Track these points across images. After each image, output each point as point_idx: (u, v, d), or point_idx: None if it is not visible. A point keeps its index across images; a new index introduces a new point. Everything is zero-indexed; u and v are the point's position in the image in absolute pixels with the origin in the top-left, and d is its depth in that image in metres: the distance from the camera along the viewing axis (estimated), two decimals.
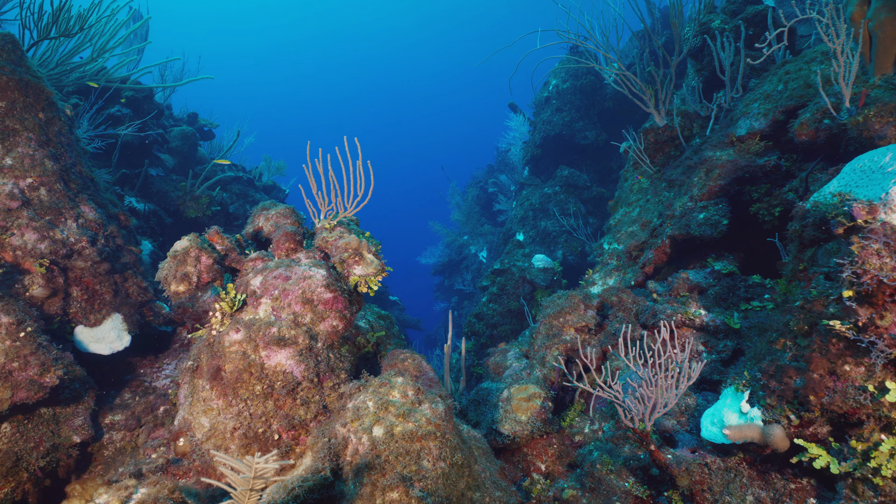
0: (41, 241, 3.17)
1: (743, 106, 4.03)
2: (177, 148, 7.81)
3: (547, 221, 10.01)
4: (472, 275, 13.40)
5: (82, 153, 3.94)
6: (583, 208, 9.86)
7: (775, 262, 3.68)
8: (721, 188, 3.68)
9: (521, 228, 10.59)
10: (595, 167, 10.35)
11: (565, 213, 9.81)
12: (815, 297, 2.18)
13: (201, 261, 2.83)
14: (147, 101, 6.86)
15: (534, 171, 11.09)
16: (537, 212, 10.27)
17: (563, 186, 10.00)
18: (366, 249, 3.15)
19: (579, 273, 9.57)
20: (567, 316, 3.72)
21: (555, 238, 9.81)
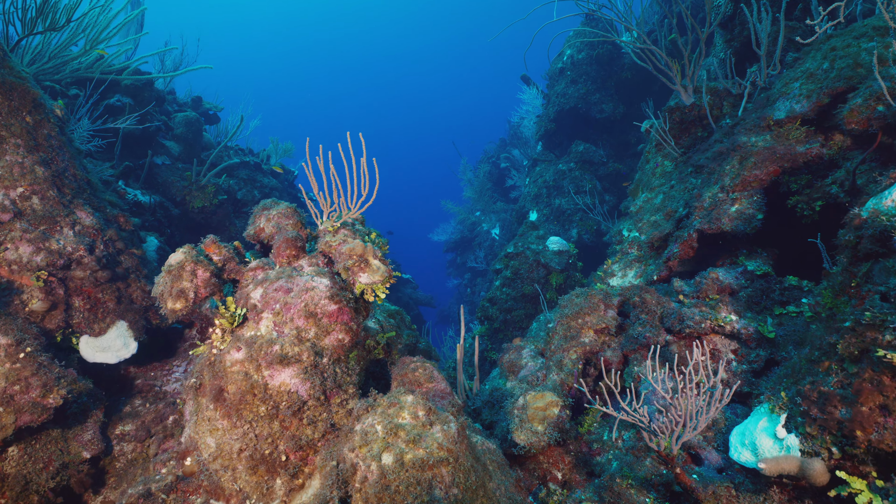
0: (37, 253, 3.06)
1: (781, 85, 3.67)
2: (181, 135, 7.63)
3: (561, 199, 9.69)
4: (484, 252, 13.22)
5: (76, 154, 3.79)
6: (598, 185, 9.51)
7: (813, 261, 3.42)
8: (756, 178, 3.39)
9: (535, 206, 10.30)
10: (611, 141, 9.91)
11: (580, 191, 9.47)
12: (868, 320, 1.95)
13: (197, 275, 2.69)
14: (147, 89, 6.65)
15: (547, 146, 10.68)
16: (551, 189, 9.94)
17: (577, 163, 9.62)
18: (371, 255, 2.98)
19: (595, 253, 9.31)
20: (586, 317, 3.54)
21: (569, 216, 9.52)
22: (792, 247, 3.49)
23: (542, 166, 10.46)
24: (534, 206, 10.33)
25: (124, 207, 4.39)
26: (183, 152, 7.65)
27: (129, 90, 6.46)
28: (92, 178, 4.00)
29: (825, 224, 3.23)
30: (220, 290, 2.82)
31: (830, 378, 2.10)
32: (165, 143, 7.47)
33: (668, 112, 4.89)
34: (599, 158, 9.47)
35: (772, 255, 3.45)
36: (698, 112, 4.65)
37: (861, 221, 2.06)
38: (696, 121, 4.70)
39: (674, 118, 4.81)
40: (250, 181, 8.23)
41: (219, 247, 2.89)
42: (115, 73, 5.68)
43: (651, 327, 3.27)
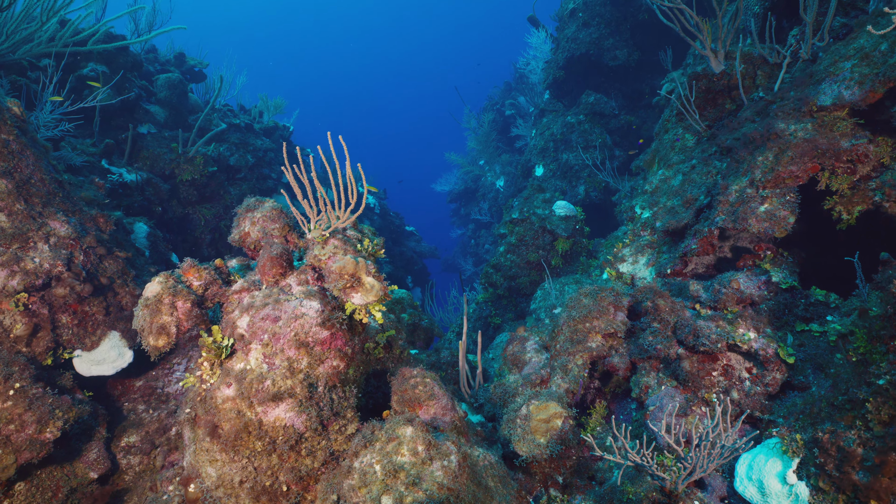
0: (11, 276, 2.89)
1: (829, 62, 3.21)
2: (165, 98, 7.16)
3: (569, 154, 9.22)
4: (488, 203, 12.88)
5: (42, 154, 3.50)
6: (609, 139, 8.98)
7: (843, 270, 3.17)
8: (792, 175, 3.05)
9: (541, 161, 9.83)
10: (624, 90, 9.22)
11: (589, 146, 8.97)
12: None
13: (177, 307, 2.53)
14: (122, 55, 6.12)
15: (555, 94, 9.99)
16: (558, 143, 9.43)
17: (587, 115, 9.02)
18: (364, 272, 2.78)
19: (603, 212, 8.97)
20: (594, 321, 3.38)
21: (577, 172, 9.09)
22: (821, 250, 3.23)
23: (550, 117, 9.85)
24: (540, 161, 9.86)
25: (103, 201, 4.15)
26: (169, 117, 7.21)
27: (102, 57, 5.95)
28: (63, 177, 3.73)
29: (863, 231, 2.95)
30: (205, 318, 2.66)
31: (852, 434, 1.96)
32: (150, 107, 7.02)
33: (692, 79, 4.40)
34: (611, 110, 8.86)
35: (798, 259, 3.20)
36: (728, 82, 4.18)
37: None
38: (725, 91, 4.23)
39: (700, 86, 4.34)
40: (242, 145, 7.83)
41: (198, 270, 2.69)
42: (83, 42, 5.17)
43: (663, 338, 3.11)
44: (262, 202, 3.45)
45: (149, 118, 6.85)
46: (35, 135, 3.55)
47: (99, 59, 5.94)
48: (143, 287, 3.91)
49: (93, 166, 5.47)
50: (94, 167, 5.49)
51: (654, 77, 9.03)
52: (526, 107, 11.62)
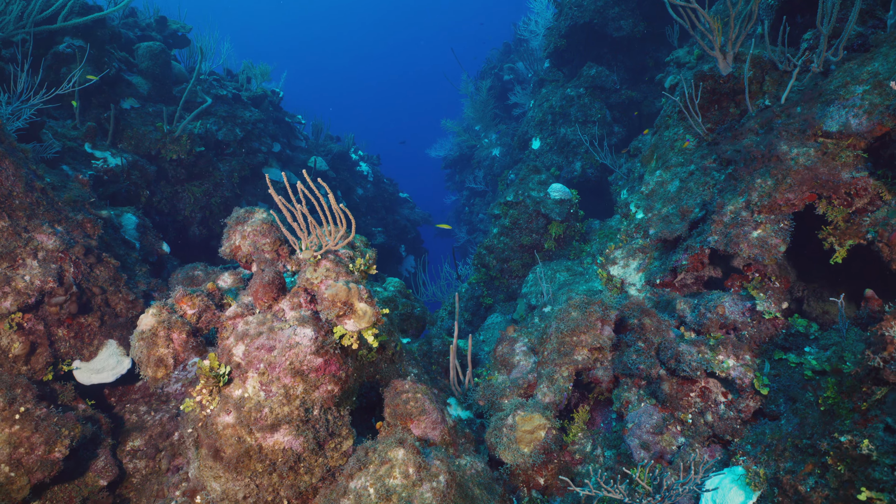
0: (4, 298, 2.89)
1: (840, 81, 3.12)
2: (147, 69, 6.84)
3: (567, 128, 9.02)
4: (483, 171, 12.71)
5: (22, 161, 3.40)
6: (608, 115, 8.76)
7: (834, 293, 3.24)
8: (788, 203, 3.04)
9: (539, 134, 9.63)
10: (627, 63, 8.90)
11: (589, 121, 8.76)
12: (863, 452, 1.88)
13: (173, 339, 2.57)
14: (100, 27, 5.77)
15: (556, 63, 9.63)
16: (557, 116, 9.20)
17: (588, 88, 8.75)
18: (356, 298, 2.81)
19: (599, 189, 8.91)
20: (582, 335, 3.47)
21: (574, 148, 8.94)
22: (808, 276, 3.28)
23: (549, 88, 9.54)
24: (537, 133, 9.66)
25: (89, 200, 4.08)
26: (152, 89, 6.93)
27: (79, 31, 5.61)
28: (45, 180, 3.64)
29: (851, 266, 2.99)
30: (201, 347, 2.71)
31: (811, 480, 2.10)
32: (132, 78, 6.72)
33: (697, 78, 4.27)
34: (612, 84, 8.59)
35: (785, 282, 3.26)
36: (734, 85, 4.05)
37: (893, 348, 1.88)
38: (730, 94, 4.12)
39: (705, 86, 4.21)
40: (230, 118, 7.59)
41: (191, 298, 2.71)
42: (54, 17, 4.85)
43: (646, 358, 3.21)
44: (251, 213, 3.42)
45: (131, 91, 6.58)
46: (12, 140, 3.43)
47: (75, 34, 5.61)
48: (136, 288, 3.93)
49: (75, 151, 5.31)
50: (77, 152, 5.33)
51: (658, 49, 8.69)
52: (525, 72, 11.22)
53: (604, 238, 5.89)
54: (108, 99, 6.05)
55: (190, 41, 7.99)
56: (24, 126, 4.56)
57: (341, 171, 10.56)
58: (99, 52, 5.94)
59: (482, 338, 6.50)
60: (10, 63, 5.05)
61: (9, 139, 3.38)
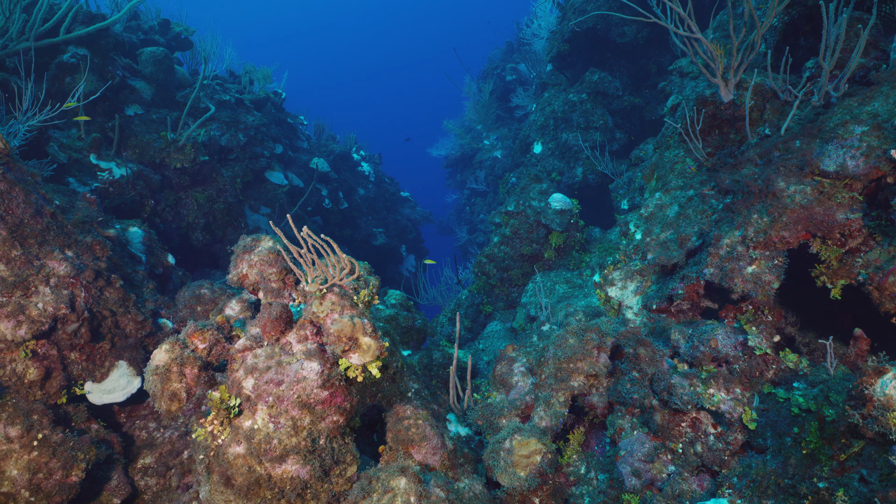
0: (18, 327, 2.98)
1: (840, 119, 3.18)
2: (151, 75, 6.86)
3: (569, 134, 9.05)
4: (485, 172, 12.73)
5: (32, 187, 3.46)
6: (610, 121, 8.78)
7: (819, 326, 3.33)
8: (783, 240, 3.12)
9: (540, 138, 9.66)
10: (630, 69, 8.88)
11: (591, 127, 8.79)
12: (840, 499, 1.99)
13: (186, 374, 2.67)
14: (104, 35, 5.77)
15: (559, 67, 9.61)
16: (559, 121, 9.22)
17: (590, 94, 8.75)
18: (361, 332, 2.90)
19: (599, 194, 8.96)
20: (578, 363, 3.57)
21: (576, 154, 8.98)
22: (801, 311, 3.37)
23: (552, 92, 9.54)
24: (539, 137, 9.68)
25: (97, 219, 4.15)
26: (156, 94, 6.95)
27: (83, 39, 5.61)
28: (55, 203, 3.71)
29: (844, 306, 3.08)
30: (212, 380, 2.81)
31: None
32: (136, 84, 6.74)
33: (698, 103, 4.31)
34: (614, 90, 8.59)
35: (777, 315, 3.35)
36: (734, 112, 4.10)
37: (871, 406, 1.97)
38: (731, 121, 4.17)
39: (706, 112, 4.26)
40: (233, 123, 7.61)
41: (202, 333, 2.80)
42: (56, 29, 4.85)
43: (640, 388, 3.32)
44: (258, 241, 3.50)
45: (135, 97, 6.60)
46: (21, 166, 3.49)
47: (79, 43, 5.62)
48: (144, 307, 4.02)
49: (81, 163, 5.36)
50: (83, 163, 5.38)
51: (662, 55, 8.67)
52: (527, 74, 11.19)
53: (603, 252, 5.98)
54: (112, 107, 6.08)
55: (193, 43, 7.97)
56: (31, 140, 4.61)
57: (343, 171, 10.60)
58: (103, 60, 5.95)
59: (481, 346, 6.62)
60: (14, 74, 5.08)
61: (18, 166, 3.44)
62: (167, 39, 7.72)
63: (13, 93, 4.87)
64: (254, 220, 7.72)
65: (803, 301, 3.55)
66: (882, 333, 3.19)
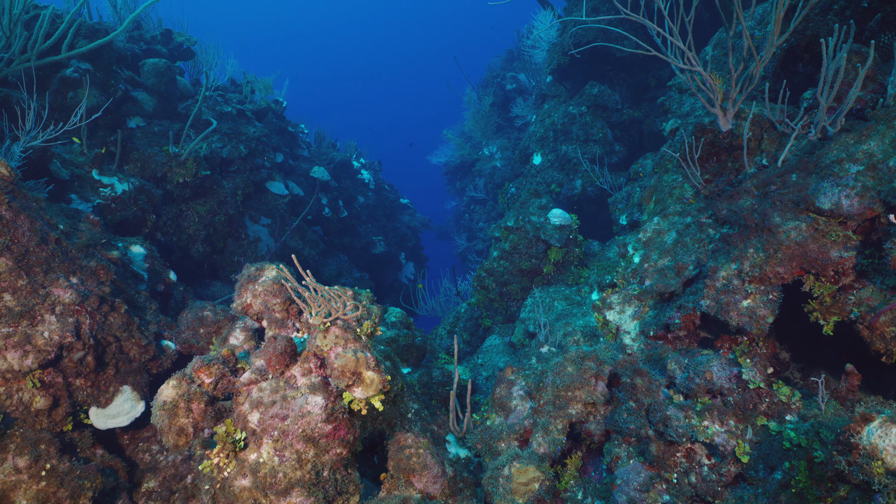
0: (25, 357, 3.02)
1: (836, 156, 3.24)
2: (153, 86, 6.87)
3: (568, 146, 9.10)
4: (484, 180, 12.78)
5: (36, 213, 3.49)
6: (610, 134, 8.84)
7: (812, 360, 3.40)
8: (778, 276, 3.19)
9: (540, 149, 9.71)
10: (629, 82, 8.95)
11: (590, 139, 8.85)
12: None
13: (193, 409, 2.71)
14: (107, 49, 5.78)
15: (558, 79, 9.66)
16: (558, 133, 9.27)
17: (590, 107, 8.81)
18: (365, 367, 2.95)
19: (598, 206, 9.03)
20: (576, 391, 3.63)
21: (575, 166, 9.04)
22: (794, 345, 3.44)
23: (551, 104, 9.59)
24: (539, 148, 9.74)
25: (100, 241, 4.18)
26: (157, 106, 6.96)
27: (85, 54, 5.62)
28: (59, 228, 3.74)
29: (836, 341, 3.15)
30: (218, 414, 2.85)
31: None
32: (136, 94, 6.75)
33: (696, 130, 4.37)
34: (614, 104, 8.65)
35: (771, 347, 3.41)
36: (732, 141, 4.16)
37: (857, 454, 2.04)
38: (729, 150, 4.23)
39: (705, 140, 4.32)
40: (234, 135, 7.64)
41: (209, 368, 2.85)
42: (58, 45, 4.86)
43: (637, 418, 3.38)
44: (262, 271, 3.54)
45: (137, 109, 6.62)
46: (26, 192, 3.52)
47: (81, 57, 5.63)
48: (147, 330, 4.06)
49: (83, 179, 5.39)
50: (85, 179, 5.40)
51: (661, 68, 8.74)
52: (527, 83, 11.23)
53: (602, 270, 6.04)
54: (114, 120, 6.09)
55: (195, 53, 7.98)
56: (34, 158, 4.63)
57: (343, 179, 10.63)
58: (105, 74, 5.97)
59: (480, 361, 6.68)
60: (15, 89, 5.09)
61: (23, 192, 3.47)
62: (169, 49, 7.73)
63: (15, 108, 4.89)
64: (254, 231, 7.75)
65: (798, 332, 3.62)
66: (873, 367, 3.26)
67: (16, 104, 5.00)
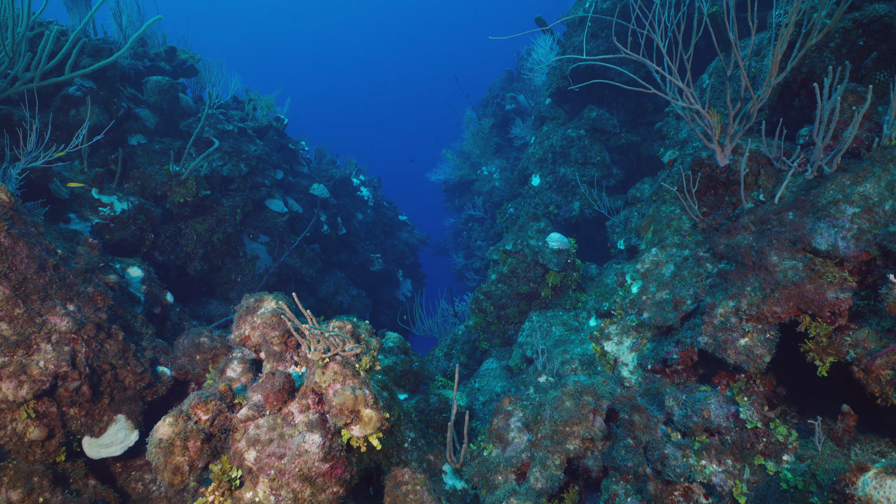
0: (20, 387, 2.99)
1: (832, 197, 3.28)
2: (155, 103, 6.90)
3: (567, 168, 9.18)
4: (482, 199, 12.84)
5: (34, 240, 3.47)
6: (608, 157, 8.93)
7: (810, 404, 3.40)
8: (775, 315, 3.21)
9: (539, 171, 9.79)
10: (627, 106, 9.06)
11: (588, 162, 8.93)
12: None
13: (189, 447, 2.68)
14: (110, 67, 5.82)
15: (557, 101, 9.78)
16: (557, 155, 9.35)
17: (588, 130, 8.91)
18: (363, 405, 2.93)
19: (595, 227, 9.07)
20: (574, 426, 3.62)
21: (573, 188, 9.10)
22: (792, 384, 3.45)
23: (550, 126, 9.70)
24: (537, 170, 9.82)
25: (98, 265, 4.16)
26: (159, 123, 6.99)
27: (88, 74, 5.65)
28: (57, 253, 3.72)
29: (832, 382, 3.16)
30: (215, 452, 2.82)
31: None
32: (139, 111, 6.78)
33: (694, 164, 4.43)
34: (612, 128, 8.75)
35: (769, 385, 3.42)
36: (729, 176, 4.22)
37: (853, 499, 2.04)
38: (726, 184, 4.28)
39: (702, 173, 4.37)
40: (235, 153, 7.66)
41: (206, 404, 2.82)
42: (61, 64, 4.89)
43: (634, 455, 3.37)
44: (260, 302, 3.53)
45: (138, 126, 6.64)
46: (26, 218, 3.51)
47: (85, 75, 5.66)
48: (143, 357, 4.02)
49: (83, 198, 5.38)
50: (84, 198, 5.39)
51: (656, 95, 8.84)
52: (526, 104, 11.36)
53: (599, 297, 6.05)
54: (115, 137, 6.10)
55: (198, 71, 8.04)
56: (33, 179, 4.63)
57: (342, 196, 10.66)
58: (109, 92, 6.00)
59: (477, 385, 6.64)
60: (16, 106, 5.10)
61: (22, 218, 3.46)
62: (173, 66, 7.79)
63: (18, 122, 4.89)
64: (252, 249, 7.74)
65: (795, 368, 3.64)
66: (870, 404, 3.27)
67: (17, 122, 5.01)
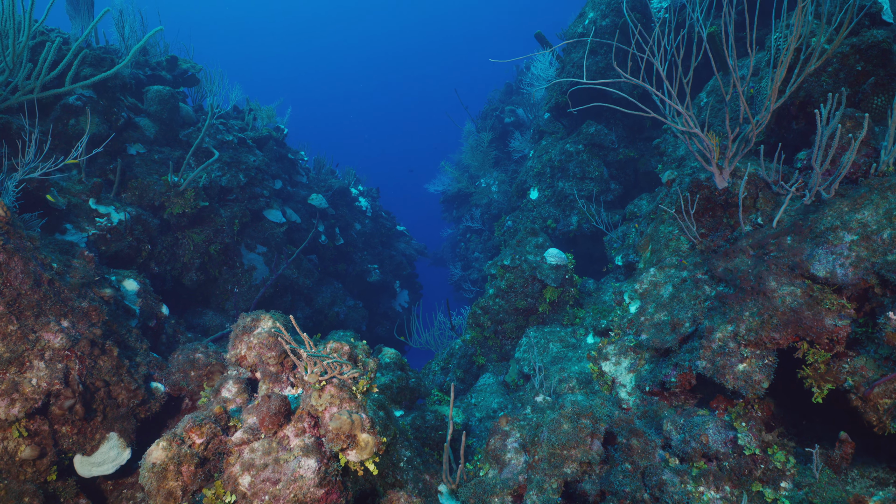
0: (12, 405, 2.94)
1: (830, 223, 3.29)
2: (155, 113, 6.90)
3: (565, 183, 9.22)
4: (481, 210, 12.86)
5: (30, 254, 3.44)
6: (606, 172, 8.97)
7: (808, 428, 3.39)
8: (773, 341, 3.21)
9: (537, 184, 9.82)
10: (625, 121, 9.13)
11: (587, 177, 8.97)
12: None
13: (182, 472, 2.64)
14: (111, 78, 5.82)
15: (556, 116, 9.84)
16: (555, 170, 9.40)
17: (586, 145, 8.96)
18: (360, 429, 2.90)
19: (593, 241, 9.10)
20: (572, 450, 3.59)
21: (571, 203, 9.14)
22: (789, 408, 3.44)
23: (549, 140, 9.75)
24: (536, 184, 9.85)
25: (94, 279, 4.12)
26: (159, 133, 6.98)
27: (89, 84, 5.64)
28: (52, 267, 3.69)
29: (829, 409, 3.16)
30: (208, 476, 2.78)
31: None
32: (138, 120, 6.77)
33: (693, 185, 4.45)
34: (610, 143, 8.81)
35: (767, 410, 3.41)
36: (727, 198, 4.24)
37: None
38: (724, 206, 4.30)
39: (701, 195, 4.39)
40: (234, 163, 7.65)
41: (200, 428, 2.79)
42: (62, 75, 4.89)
43: (632, 481, 3.35)
44: (257, 322, 3.50)
45: (138, 134, 6.62)
46: (21, 232, 3.48)
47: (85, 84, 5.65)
48: (137, 373, 3.98)
49: (80, 208, 5.35)
50: (82, 208, 5.37)
51: (656, 109, 8.93)
52: (525, 118, 11.42)
53: (597, 314, 6.05)
54: (114, 146, 6.09)
55: (199, 80, 8.05)
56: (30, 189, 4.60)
57: (340, 206, 10.65)
58: (109, 102, 5.99)
59: (473, 401, 6.60)
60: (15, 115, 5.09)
61: (18, 232, 3.43)
62: (174, 76, 7.79)
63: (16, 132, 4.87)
64: (249, 260, 7.71)
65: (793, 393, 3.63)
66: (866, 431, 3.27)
67: (16, 131, 4.99)
